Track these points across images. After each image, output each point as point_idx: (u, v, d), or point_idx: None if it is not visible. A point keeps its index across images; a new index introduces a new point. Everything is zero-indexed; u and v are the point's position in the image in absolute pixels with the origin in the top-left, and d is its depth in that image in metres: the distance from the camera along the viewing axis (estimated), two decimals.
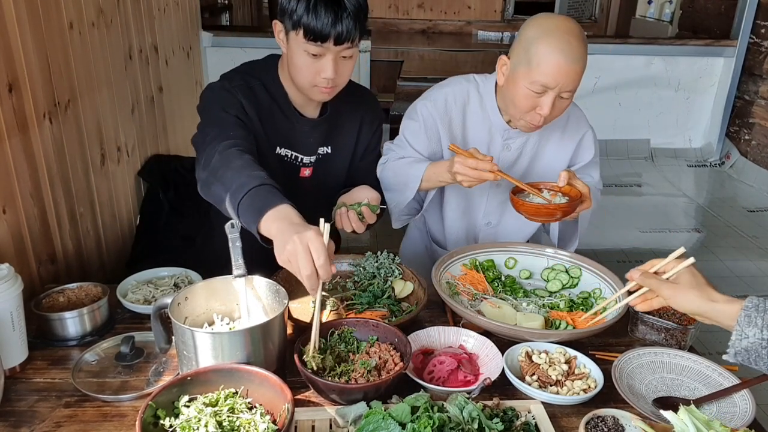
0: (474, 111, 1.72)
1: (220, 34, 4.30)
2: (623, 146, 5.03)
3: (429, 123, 1.70)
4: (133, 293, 1.50)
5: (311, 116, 1.65)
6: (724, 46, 4.75)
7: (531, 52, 1.48)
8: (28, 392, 1.20)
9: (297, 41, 1.45)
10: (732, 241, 3.72)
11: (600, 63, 4.70)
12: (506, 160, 1.74)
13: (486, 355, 1.29)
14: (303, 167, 1.69)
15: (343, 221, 1.50)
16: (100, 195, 2.14)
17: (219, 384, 1.07)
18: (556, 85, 1.48)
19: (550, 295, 1.55)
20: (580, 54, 1.47)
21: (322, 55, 1.45)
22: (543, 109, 1.51)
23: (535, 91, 1.50)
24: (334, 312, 1.47)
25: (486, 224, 1.85)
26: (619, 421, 1.11)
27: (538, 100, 1.51)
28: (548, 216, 1.53)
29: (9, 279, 1.20)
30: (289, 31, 1.46)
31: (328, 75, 1.47)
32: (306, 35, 1.42)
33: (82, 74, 2.01)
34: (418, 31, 7.49)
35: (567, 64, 1.46)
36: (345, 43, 1.44)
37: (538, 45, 1.47)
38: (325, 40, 1.42)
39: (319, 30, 1.40)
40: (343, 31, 1.42)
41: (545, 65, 1.46)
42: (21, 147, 1.63)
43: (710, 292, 1.09)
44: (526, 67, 1.50)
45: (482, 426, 1.04)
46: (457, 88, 1.73)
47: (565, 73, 1.46)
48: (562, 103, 1.54)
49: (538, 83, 1.48)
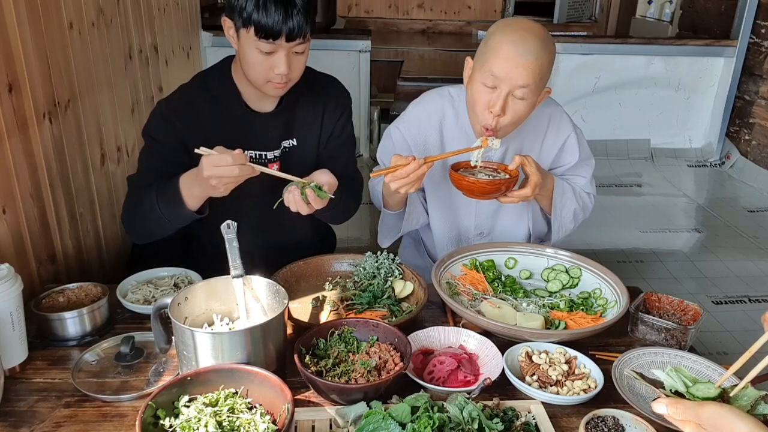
0: (450, 127, 1.72)
1: (220, 34, 4.28)
2: (623, 146, 5.03)
3: (399, 146, 1.73)
4: (133, 293, 1.50)
5: (268, 111, 1.64)
6: (724, 46, 4.75)
7: (486, 46, 1.51)
8: (28, 392, 1.20)
9: (248, 39, 1.44)
10: (732, 241, 3.72)
11: (600, 63, 4.71)
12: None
13: (486, 355, 1.29)
14: (270, 163, 1.67)
15: (288, 199, 1.46)
16: (100, 195, 2.14)
17: (219, 384, 1.07)
18: (505, 76, 1.46)
19: (550, 295, 1.55)
20: (534, 49, 1.45)
21: (274, 51, 1.45)
22: (494, 107, 1.49)
23: (487, 85, 1.49)
24: (334, 312, 1.47)
25: (478, 235, 1.85)
26: (619, 421, 1.11)
27: (490, 97, 1.50)
28: (483, 193, 1.53)
29: (9, 279, 1.20)
30: (240, 28, 1.45)
31: (281, 71, 1.47)
32: (257, 33, 1.41)
33: (82, 74, 2.01)
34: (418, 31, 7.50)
35: (517, 56, 1.45)
36: (297, 39, 1.44)
37: (492, 38, 1.50)
38: (276, 37, 1.41)
39: (270, 27, 1.40)
40: (295, 27, 1.41)
41: (495, 55, 1.48)
42: (21, 147, 1.63)
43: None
44: (481, 61, 1.51)
45: (482, 426, 1.04)
46: (430, 106, 1.73)
47: (515, 64, 1.45)
48: (518, 105, 1.51)
49: (488, 73, 1.48)
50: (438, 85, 1.84)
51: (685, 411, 0.83)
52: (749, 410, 1.03)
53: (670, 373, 1.09)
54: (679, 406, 0.84)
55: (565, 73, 4.71)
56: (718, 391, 1.03)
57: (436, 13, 7.55)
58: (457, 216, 1.83)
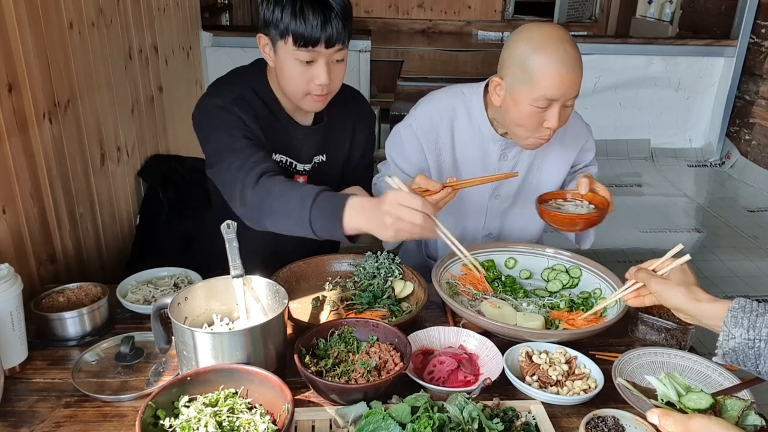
0: (462, 126, 1.68)
1: (220, 34, 4.30)
2: (623, 146, 5.03)
3: (410, 144, 1.69)
4: (133, 293, 1.50)
5: (304, 123, 1.62)
6: (725, 46, 4.75)
7: (528, 68, 1.44)
8: (27, 392, 1.20)
9: (286, 50, 1.41)
10: (732, 241, 3.72)
11: (600, 63, 4.71)
12: (503, 170, 1.71)
13: (486, 355, 1.29)
14: (297, 174, 1.66)
15: None
16: (99, 195, 2.14)
17: (219, 384, 1.07)
18: (561, 96, 1.45)
19: (550, 295, 1.55)
20: (578, 59, 1.45)
21: (314, 60, 1.42)
22: (551, 122, 1.48)
23: (540, 107, 1.46)
24: (334, 312, 1.47)
25: (486, 235, 1.84)
26: (619, 421, 1.11)
27: (544, 115, 1.48)
28: (584, 225, 1.52)
29: (9, 279, 1.20)
30: (277, 41, 1.42)
31: (322, 81, 1.44)
32: (295, 42, 1.39)
33: (82, 74, 2.01)
34: (418, 31, 7.50)
35: (569, 74, 1.42)
36: (336, 45, 1.41)
37: (534, 60, 1.43)
38: (315, 44, 1.39)
39: (309, 34, 1.37)
40: (334, 33, 1.39)
41: (547, 79, 1.42)
42: (21, 147, 1.63)
43: (697, 292, 1.12)
44: (527, 85, 1.45)
45: (482, 426, 1.04)
46: (442, 105, 1.69)
47: (569, 83, 1.43)
48: (567, 111, 1.52)
49: (543, 98, 1.44)
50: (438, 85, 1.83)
51: (674, 424, 0.86)
52: (737, 422, 1.04)
53: (664, 381, 1.10)
54: (669, 419, 0.86)
55: None
56: (710, 401, 1.05)
57: (436, 13, 7.55)
58: (464, 217, 1.81)
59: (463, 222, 1.82)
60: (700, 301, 1.11)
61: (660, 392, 1.09)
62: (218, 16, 5.93)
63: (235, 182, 1.37)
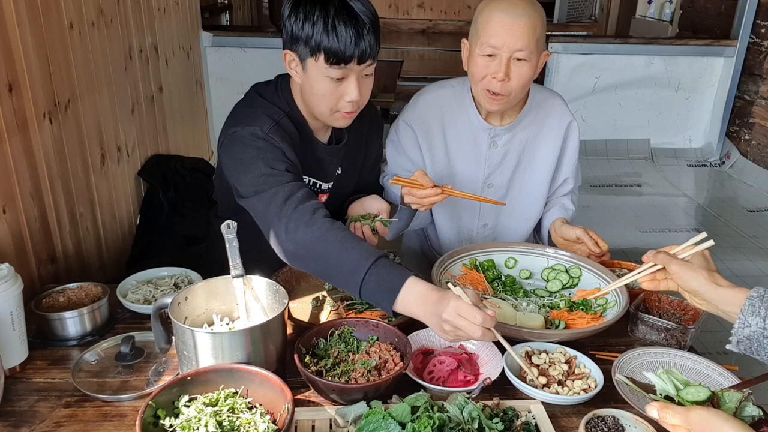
0: (453, 116, 1.73)
1: (220, 34, 4.30)
2: (623, 146, 5.03)
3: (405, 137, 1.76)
4: (133, 293, 1.50)
5: (324, 141, 1.60)
6: (724, 46, 4.75)
7: (477, 22, 1.56)
8: (28, 392, 1.20)
9: (317, 67, 1.35)
10: (732, 241, 3.72)
11: (600, 63, 4.71)
12: (494, 158, 1.75)
13: (486, 355, 1.29)
14: (321, 194, 1.64)
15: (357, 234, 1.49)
16: (100, 195, 2.14)
17: (219, 384, 1.07)
18: (503, 44, 1.51)
19: (550, 295, 1.55)
20: (524, 11, 1.50)
21: (345, 77, 1.37)
22: (498, 73, 1.53)
23: (486, 55, 1.53)
24: (334, 312, 1.47)
25: (483, 226, 1.86)
26: (619, 421, 1.11)
27: (492, 66, 1.54)
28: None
29: (9, 279, 1.20)
30: (306, 58, 1.36)
31: (353, 98, 1.39)
32: (327, 59, 1.33)
33: (82, 74, 2.01)
34: (418, 31, 7.50)
35: (510, 20, 1.49)
36: (368, 60, 1.37)
37: (482, 12, 1.55)
38: (348, 61, 1.34)
39: (342, 51, 1.32)
40: (367, 48, 1.34)
41: (488, 26, 1.52)
42: (21, 147, 1.63)
43: (717, 277, 1.12)
44: (475, 36, 1.55)
45: (482, 426, 1.04)
46: (431, 95, 1.76)
47: (509, 29, 1.49)
48: (521, 67, 1.54)
49: (486, 44, 1.52)
50: None
51: (674, 416, 0.86)
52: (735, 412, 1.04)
53: (662, 376, 1.10)
54: (668, 411, 0.87)
55: (565, 72, 4.71)
56: (708, 394, 1.05)
57: (436, 13, 7.55)
58: (459, 209, 1.83)
59: (459, 214, 1.84)
60: (720, 286, 1.10)
61: (659, 387, 1.09)
62: (218, 16, 5.93)
63: (280, 216, 1.29)
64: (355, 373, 1.16)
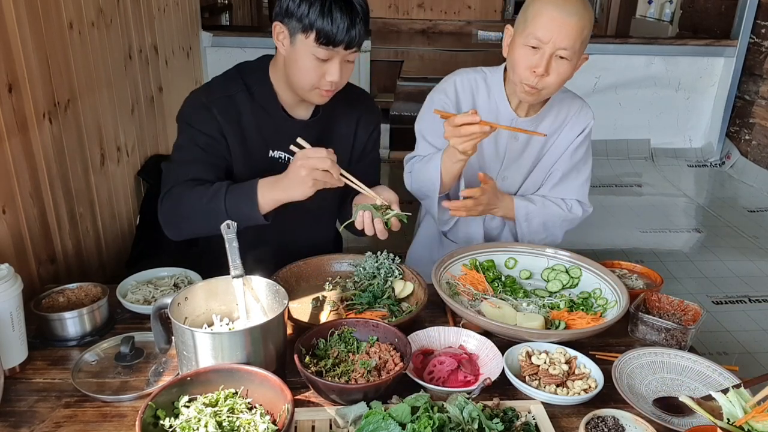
0: (482, 100, 1.75)
1: (220, 34, 4.30)
2: (623, 146, 5.03)
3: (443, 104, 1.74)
4: (133, 293, 1.50)
5: (302, 117, 1.63)
6: (725, 46, 4.75)
7: (527, 12, 1.55)
8: (27, 392, 1.20)
9: (306, 44, 1.42)
10: (732, 241, 3.72)
11: (600, 63, 4.70)
12: (514, 150, 1.77)
13: (486, 355, 1.29)
14: None
15: (366, 224, 1.45)
16: (99, 195, 2.14)
17: (219, 384, 1.07)
18: (549, 38, 1.50)
19: (550, 295, 1.55)
20: (576, 9, 1.49)
21: (329, 59, 1.44)
22: (539, 68, 1.53)
23: (531, 46, 1.53)
24: (334, 312, 1.47)
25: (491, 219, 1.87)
26: (619, 421, 1.11)
27: (534, 59, 1.53)
28: None
29: (9, 279, 1.20)
30: (296, 33, 1.43)
31: (334, 78, 1.46)
32: (318, 39, 1.40)
33: (82, 74, 2.01)
34: (418, 31, 7.49)
35: (560, 16, 1.49)
36: (354, 47, 1.44)
37: (534, 2, 1.54)
38: (338, 44, 1.41)
39: (334, 34, 1.39)
40: (356, 36, 1.42)
41: (538, 18, 1.51)
42: (21, 147, 1.63)
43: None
44: (522, 26, 1.55)
45: (482, 426, 1.04)
46: (464, 77, 1.76)
47: (558, 24, 1.49)
48: (562, 65, 1.54)
49: (532, 36, 1.51)
50: None
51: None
52: None
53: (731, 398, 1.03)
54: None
55: None
56: None
57: (436, 13, 7.54)
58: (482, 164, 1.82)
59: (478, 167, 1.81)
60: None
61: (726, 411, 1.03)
62: (218, 16, 5.94)
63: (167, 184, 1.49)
64: (355, 373, 1.16)
